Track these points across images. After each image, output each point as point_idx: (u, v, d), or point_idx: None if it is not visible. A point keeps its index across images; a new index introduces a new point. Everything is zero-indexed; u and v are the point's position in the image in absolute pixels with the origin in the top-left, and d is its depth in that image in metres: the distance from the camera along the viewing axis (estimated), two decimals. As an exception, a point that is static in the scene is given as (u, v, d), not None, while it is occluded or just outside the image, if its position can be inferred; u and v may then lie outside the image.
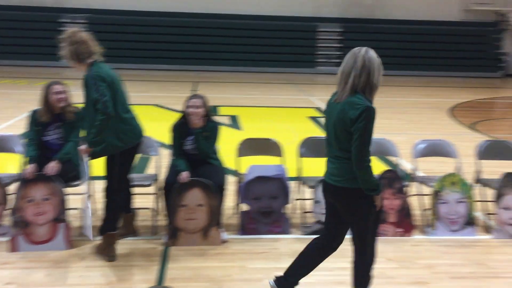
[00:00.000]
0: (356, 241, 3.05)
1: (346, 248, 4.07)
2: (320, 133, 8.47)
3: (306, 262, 3.25)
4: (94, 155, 3.72)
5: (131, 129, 3.83)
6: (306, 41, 20.07)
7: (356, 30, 20.12)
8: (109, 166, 3.82)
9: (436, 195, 4.43)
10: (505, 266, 3.87)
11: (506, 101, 14.38)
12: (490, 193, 4.62)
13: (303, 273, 3.25)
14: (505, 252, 4.13)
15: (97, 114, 3.56)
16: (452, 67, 19.94)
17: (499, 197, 4.42)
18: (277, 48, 19.84)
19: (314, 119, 10.12)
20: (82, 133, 4.07)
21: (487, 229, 4.55)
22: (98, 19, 18.99)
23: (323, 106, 11.55)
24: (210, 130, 4.32)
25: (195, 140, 4.23)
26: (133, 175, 4.31)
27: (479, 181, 4.82)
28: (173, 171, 4.22)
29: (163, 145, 5.18)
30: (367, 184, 2.82)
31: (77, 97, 4.36)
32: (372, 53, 2.89)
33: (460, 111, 11.63)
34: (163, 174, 4.37)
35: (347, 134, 2.81)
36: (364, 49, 2.91)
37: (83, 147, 3.69)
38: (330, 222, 3.17)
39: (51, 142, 4.23)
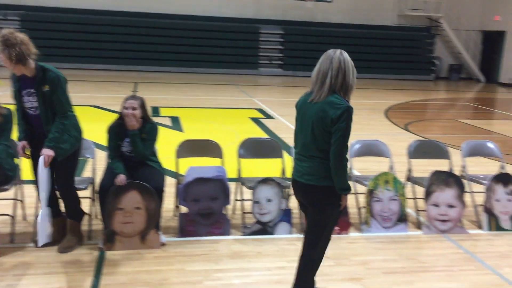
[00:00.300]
0: (311, 235, 3.11)
1: (285, 248, 4.16)
2: (261, 134, 8.59)
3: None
4: (62, 154, 3.79)
5: (79, 126, 4.01)
6: (249, 42, 20.18)
7: (297, 33, 20.49)
8: (71, 162, 3.94)
9: (370, 193, 4.59)
10: (433, 260, 4.07)
11: (438, 103, 15.13)
12: (420, 190, 4.84)
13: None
14: (434, 247, 4.34)
15: (61, 118, 3.76)
16: (388, 70, 20.75)
17: (428, 194, 4.64)
18: (219, 49, 19.83)
19: (256, 120, 10.20)
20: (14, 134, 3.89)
21: (418, 225, 4.76)
22: (32, 16, 18.22)
23: (265, 107, 11.74)
24: (148, 132, 4.25)
25: (131, 142, 4.15)
26: (67, 179, 4.16)
27: (410, 179, 5.04)
28: (110, 173, 4.11)
29: (100, 147, 5.04)
30: (341, 183, 2.90)
31: (5, 98, 4.16)
32: (346, 55, 2.98)
33: (395, 113, 12.11)
34: (99, 177, 4.25)
35: (326, 134, 2.87)
36: (338, 51, 2.99)
37: (48, 152, 3.69)
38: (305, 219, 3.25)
39: None
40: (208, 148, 4.86)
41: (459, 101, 15.77)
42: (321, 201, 2.99)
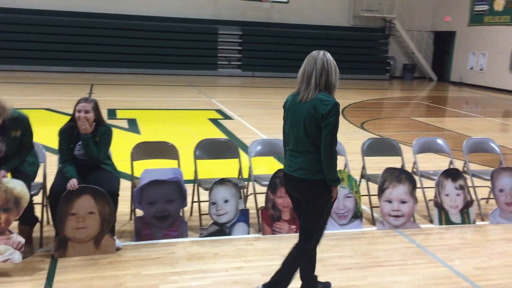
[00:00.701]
0: (306, 228, 3.23)
1: (243, 248, 4.17)
2: (220, 135, 8.58)
3: (308, 259, 3.44)
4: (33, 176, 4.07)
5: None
6: (207, 43, 20.12)
7: (255, 34, 20.58)
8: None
9: (326, 191, 4.65)
10: (387, 255, 4.17)
11: (392, 102, 15.52)
12: (375, 187, 4.96)
13: (312, 269, 3.46)
14: (387, 242, 4.46)
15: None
16: (344, 70, 21.00)
17: (381, 191, 4.76)
18: (177, 50, 19.68)
19: (214, 121, 10.17)
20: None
21: (373, 222, 4.87)
22: (-20, 16, 17.56)
23: (224, 108, 11.74)
24: (101, 135, 4.16)
25: (84, 146, 4.06)
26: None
27: (364, 176, 5.15)
28: (61, 178, 4.01)
29: (51, 151, 4.91)
30: (331, 174, 3.06)
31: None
32: (329, 56, 3.16)
33: (352, 112, 12.36)
34: (50, 182, 4.14)
35: (318, 129, 3.04)
36: (322, 52, 3.16)
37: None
38: (298, 214, 3.37)
39: None
40: (164, 150, 4.81)
41: (413, 99, 16.24)
42: (315, 194, 3.13)
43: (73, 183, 3.88)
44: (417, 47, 22.65)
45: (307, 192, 3.14)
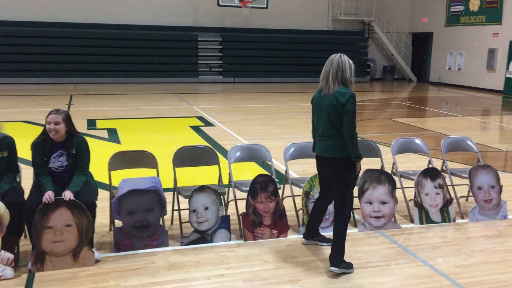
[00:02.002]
0: (340, 199, 3.91)
1: (224, 255, 4.14)
2: (201, 142, 8.54)
3: (314, 218, 4.31)
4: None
5: None
6: (187, 50, 20.08)
7: (235, 40, 20.61)
8: None
9: (306, 195, 4.66)
10: (368, 256, 4.18)
11: (373, 103, 15.65)
12: (355, 189, 4.95)
13: (316, 224, 4.35)
14: (368, 243, 4.46)
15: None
16: (325, 73, 21.21)
17: (361, 192, 4.78)
18: (158, 58, 19.60)
19: (196, 128, 10.13)
20: None
21: (354, 223, 4.88)
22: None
23: (205, 114, 11.70)
24: (77, 147, 4.11)
25: (60, 157, 4.00)
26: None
27: (344, 179, 5.15)
28: (37, 191, 3.94)
29: (28, 163, 4.82)
30: (354, 151, 3.77)
31: None
32: (344, 58, 3.83)
33: (333, 114, 12.39)
34: (26, 195, 4.06)
35: (339, 116, 3.76)
36: (338, 55, 3.86)
37: None
38: (324, 188, 4.19)
39: None
40: (142, 159, 4.76)
41: (393, 101, 16.39)
42: (342, 168, 3.84)
43: (48, 195, 3.81)
44: (396, 49, 22.91)
45: (336, 168, 3.85)
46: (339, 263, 3.82)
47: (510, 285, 3.72)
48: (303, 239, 4.39)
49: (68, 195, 3.85)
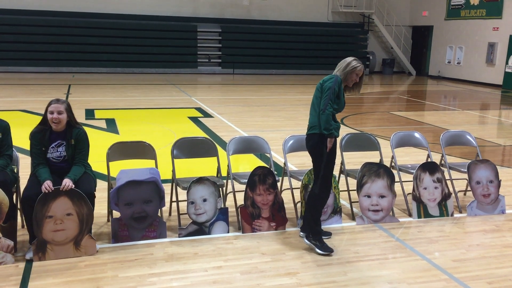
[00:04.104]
0: (314, 174, 4.16)
1: (222, 247, 4.15)
2: (200, 133, 8.52)
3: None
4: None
5: None
6: (187, 41, 19.99)
7: (235, 31, 20.51)
8: None
9: (305, 188, 4.65)
10: (366, 250, 4.18)
11: (372, 97, 15.63)
12: (354, 182, 4.96)
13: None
14: (367, 237, 4.47)
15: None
16: (324, 65, 21.19)
17: (360, 186, 4.77)
18: (157, 49, 19.51)
19: (194, 119, 10.11)
20: None
21: (352, 217, 4.88)
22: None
23: (204, 105, 11.68)
24: (76, 138, 4.09)
25: (59, 147, 3.99)
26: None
27: (343, 171, 5.16)
28: (34, 181, 3.93)
29: (26, 152, 4.81)
30: (324, 124, 3.91)
31: None
32: (350, 59, 4.07)
33: (332, 107, 12.37)
34: (23, 185, 4.05)
35: (321, 95, 4.00)
36: (353, 58, 4.11)
37: None
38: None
39: None
40: (140, 149, 4.75)
41: (392, 94, 16.37)
42: (311, 145, 4.07)
43: (47, 185, 3.80)
44: (396, 42, 22.84)
45: (308, 145, 4.13)
46: (307, 231, 4.14)
47: (508, 280, 3.73)
48: (301, 232, 4.37)
49: (68, 183, 3.84)
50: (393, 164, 5.34)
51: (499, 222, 4.92)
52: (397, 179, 5.05)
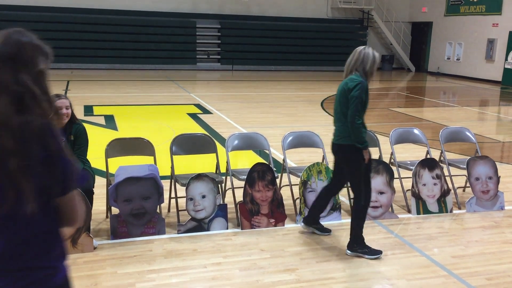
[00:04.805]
0: (352, 186, 4.02)
1: (221, 244, 4.14)
2: (199, 130, 8.51)
3: (318, 203, 4.28)
4: None
5: None
6: (186, 37, 19.94)
7: (234, 27, 20.46)
8: None
9: (304, 184, 4.65)
10: (365, 246, 4.18)
11: (372, 93, 15.50)
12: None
13: (319, 210, 4.31)
14: (366, 233, 4.40)
15: None
16: (323, 61, 21.20)
17: (359, 182, 4.76)
18: (156, 45, 19.46)
19: (193, 115, 10.09)
20: None
21: (351, 213, 4.87)
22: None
23: (203, 102, 11.66)
24: (76, 134, 4.08)
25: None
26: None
27: (342, 168, 5.14)
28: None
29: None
30: (356, 138, 3.74)
31: None
32: (368, 49, 3.89)
33: (331, 103, 12.34)
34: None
35: (346, 101, 3.77)
36: (364, 47, 3.92)
37: None
38: (334, 173, 4.22)
39: None
40: (139, 146, 4.74)
41: (392, 90, 16.36)
42: (346, 156, 3.90)
43: None
44: (395, 38, 22.80)
45: (341, 155, 3.95)
46: (352, 246, 3.95)
47: (507, 276, 3.73)
48: (302, 223, 4.37)
49: None
50: (392, 160, 5.33)
51: (498, 218, 4.92)
52: (396, 175, 5.05)
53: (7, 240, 1.54)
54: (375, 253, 3.95)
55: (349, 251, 3.98)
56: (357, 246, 3.96)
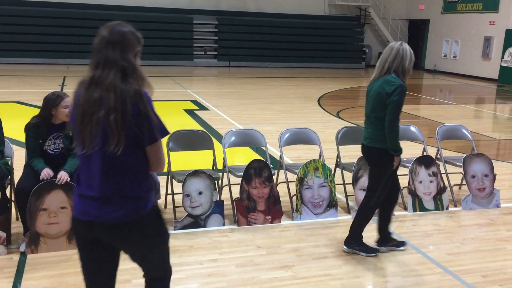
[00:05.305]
0: (369, 188, 3.89)
1: (217, 240, 4.14)
2: (195, 126, 8.49)
3: (381, 219, 4.08)
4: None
5: None
6: (182, 33, 19.87)
7: (231, 23, 20.41)
8: None
9: (300, 181, 4.65)
10: (362, 243, 4.19)
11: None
12: (350, 176, 4.97)
13: (386, 225, 4.07)
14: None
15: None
16: (320, 58, 21.17)
17: (356, 179, 4.78)
18: (152, 41, 19.33)
19: (190, 112, 10.07)
20: None
21: (348, 210, 4.89)
22: None
23: (200, 98, 11.63)
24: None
25: (56, 140, 3.97)
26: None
27: (339, 165, 5.16)
28: (29, 173, 3.91)
29: (20, 144, 4.78)
30: (392, 144, 3.63)
31: None
32: (406, 46, 3.67)
33: (328, 100, 12.39)
34: (17, 177, 4.03)
35: (382, 105, 3.60)
36: (399, 42, 3.70)
37: None
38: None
39: None
40: (136, 142, 4.72)
41: (388, 87, 16.33)
42: (376, 160, 3.77)
43: (47, 172, 3.81)
44: (392, 35, 22.79)
45: (371, 158, 3.82)
46: (350, 242, 3.93)
47: (502, 273, 3.75)
48: (377, 246, 4.03)
49: (63, 176, 3.83)
50: (388, 157, 5.33)
51: (494, 216, 4.94)
52: (392, 172, 5.06)
53: (112, 176, 2.09)
54: (372, 251, 3.95)
55: (346, 247, 3.97)
56: (354, 243, 3.95)
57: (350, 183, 4.90)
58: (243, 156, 6.57)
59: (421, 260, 3.92)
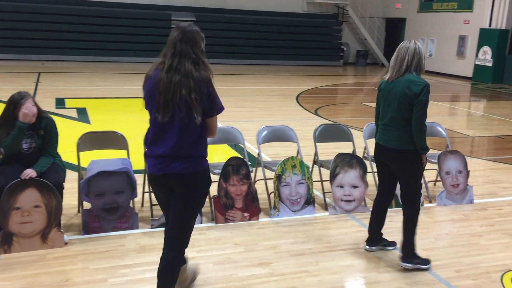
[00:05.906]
0: (409, 193, 3.79)
1: (195, 238, 4.11)
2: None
3: (376, 219, 4.02)
4: None
5: None
6: (160, 30, 19.67)
7: (209, 20, 20.31)
8: None
9: (278, 178, 4.66)
10: (338, 240, 4.23)
11: (346, 88, 15.74)
12: (327, 173, 5.00)
13: (379, 227, 4.04)
14: (339, 227, 4.51)
15: None
16: (298, 56, 21.24)
17: (333, 176, 4.81)
18: (130, 37, 19.17)
19: (167, 109, 9.97)
20: None
21: (325, 207, 4.92)
22: None
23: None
24: (45, 128, 3.99)
25: (17, 136, 3.88)
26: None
27: (316, 162, 5.18)
28: (1, 172, 3.82)
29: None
30: (421, 143, 3.59)
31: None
32: (419, 44, 3.69)
33: (306, 98, 12.44)
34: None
35: (409, 106, 3.56)
36: (412, 41, 3.72)
37: None
38: (382, 179, 3.99)
39: None
40: (112, 140, 4.67)
41: (366, 85, 16.52)
42: (408, 162, 3.68)
43: (30, 172, 3.74)
44: (370, 34, 23.02)
45: (403, 161, 3.69)
46: (409, 258, 3.74)
47: (475, 268, 3.83)
48: (366, 246, 4.04)
49: (30, 173, 3.76)
50: (365, 155, 5.39)
51: (467, 212, 5.04)
52: (369, 169, 5.11)
53: (182, 138, 2.72)
54: (427, 263, 3.81)
55: (409, 264, 3.75)
56: (413, 257, 3.77)
57: (328, 180, 4.92)
58: (221, 154, 6.56)
59: (396, 256, 3.97)
